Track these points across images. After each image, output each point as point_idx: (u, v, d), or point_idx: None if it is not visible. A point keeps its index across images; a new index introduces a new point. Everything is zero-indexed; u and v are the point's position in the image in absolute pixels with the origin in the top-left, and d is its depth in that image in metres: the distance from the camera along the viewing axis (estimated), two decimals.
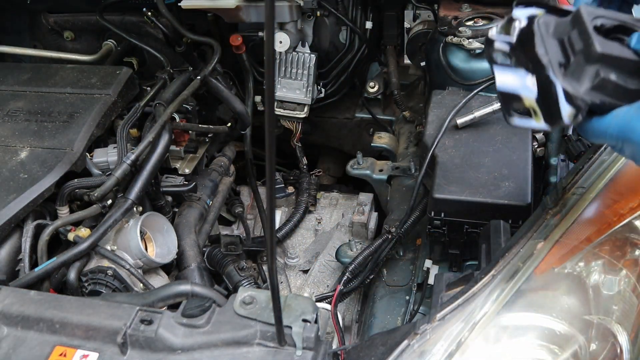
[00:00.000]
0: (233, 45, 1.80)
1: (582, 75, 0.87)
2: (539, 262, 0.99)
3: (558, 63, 0.90)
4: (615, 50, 0.85)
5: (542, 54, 0.91)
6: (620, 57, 0.84)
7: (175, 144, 1.63)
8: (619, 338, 0.92)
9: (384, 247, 1.49)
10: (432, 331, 0.94)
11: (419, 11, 1.86)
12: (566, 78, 0.88)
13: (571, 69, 0.89)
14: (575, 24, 0.91)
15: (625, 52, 0.85)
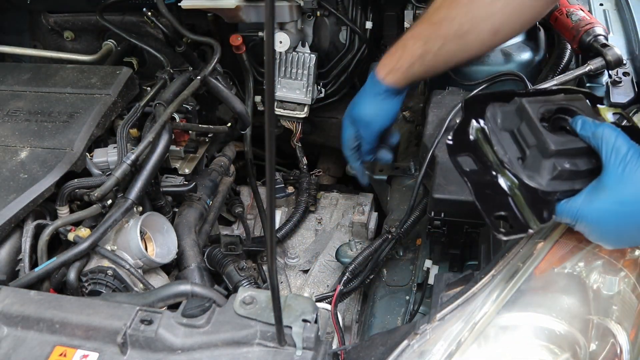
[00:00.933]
0: (233, 45, 1.80)
1: (540, 169, 0.97)
2: (539, 262, 0.99)
3: (516, 158, 1.00)
4: (566, 143, 0.95)
5: (500, 153, 1.00)
6: (572, 148, 0.95)
7: (175, 144, 1.63)
8: (619, 338, 0.92)
9: (384, 247, 1.49)
10: (432, 331, 0.94)
11: (419, 11, 1.85)
12: (526, 172, 0.98)
13: (528, 163, 0.98)
14: (523, 118, 1.00)
15: (573, 141, 0.95)
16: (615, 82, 1.46)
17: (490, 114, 1.05)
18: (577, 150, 0.95)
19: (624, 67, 1.49)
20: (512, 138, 1.02)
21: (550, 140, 0.95)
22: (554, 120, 1.00)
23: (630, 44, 1.58)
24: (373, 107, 1.50)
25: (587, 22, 1.52)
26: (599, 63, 1.42)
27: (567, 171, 0.95)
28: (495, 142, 1.02)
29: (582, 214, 0.92)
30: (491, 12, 1.29)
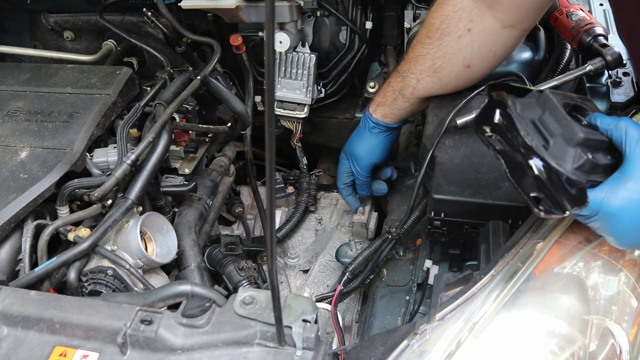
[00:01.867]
0: (233, 45, 1.80)
1: (566, 157, 0.97)
2: (539, 262, 0.99)
3: (540, 145, 1.00)
4: (593, 134, 0.97)
5: (528, 140, 1.01)
6: (595, 139, 0.96)
7: (175, 144, 1.63)
8: (619, 338, 0.92)
9: (384, 247, 1.49)
10: (431, 331, 0.94)
11: (419, 11, 1.86)
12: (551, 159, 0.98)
13: (553, 150, 0.98)
14: (546, 107, 1.01)
15: (598, 134, 0.98)
16: (616, 82, 1.46)
17: (511, 102, 1.05)
18: (600, 142, 0.96)
19: (624, 67, 1.49)
20: (534, 127, 1.02)
21: (578, 128, 0.95)
22: (570, 115, 1.00)
23: None
24: (364, 142, 1.60)
25: (587, 22, 1.52)
26: (599, 63, 1.42)
27: (590, 162, 0.95)
28: (521, 128, 1.01)
29: (605, 203, 0.90)
30: (460, 47, 1.37)
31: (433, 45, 1.40)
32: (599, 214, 0.92)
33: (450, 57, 1.39)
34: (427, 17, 1.43)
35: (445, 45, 1.38)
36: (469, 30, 1.35)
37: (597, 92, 1.47)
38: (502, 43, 1.38)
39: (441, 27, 1.37)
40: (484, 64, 1.41)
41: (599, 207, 0.91)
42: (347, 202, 1.77)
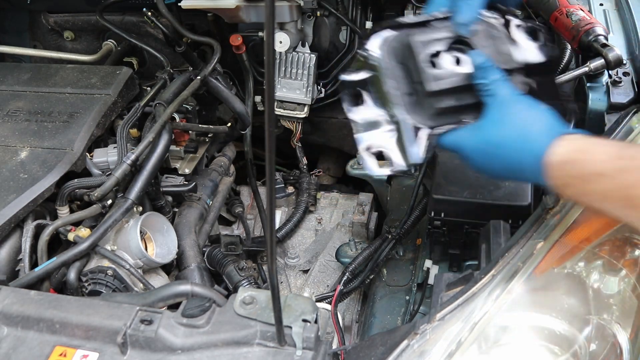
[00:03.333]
0: (233, 45, 1.80)
1: (424, 107, 1.01)
2: (539, 262, 0.99)
3: (406, 94, 1.02)
4: (445, 83, 0.99)
5: (389, 90, 1.02)
6: (451, 87, 0.99)
7: (175, 144, 1.63)
8: (619, 338, 0.92)
9: (384, 247, 1.49)
10: (432, 331, 0.94)
11: (419, 11, 1.86)
12: (412, 110, 1.01)
13: (414, 100, 1.01)
14: (409, 56, 1.02)
15: (456, 77, 0.99)
16: (615, 82, 1.46)
17: (387, 47, 1.05)
18: (458, 87, 0.99)
19: (624, 67, 1.49)
20: (405, 73, 1.03)
21: (429, 80, 0.99)
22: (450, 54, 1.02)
23: (630, 44, 1.58)
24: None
25: (587, 22, 1.52)
26: (599, 63, 1.42)
27: (450, 107, 1.00)
28: (387, 77, 1.03)
29: (461, 146, 1.01)
30: None
31: None
32: (459, 154, 1.02)
33: None
34: None
35: None
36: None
37: (597, 92, 1.47)
38: None
39: None
40: None
41: (457, 149, 1.02)
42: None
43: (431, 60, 1.01)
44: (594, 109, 1.46)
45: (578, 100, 1.56)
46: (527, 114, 0.97)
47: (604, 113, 1.43)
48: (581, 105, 1.52)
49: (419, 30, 1.05)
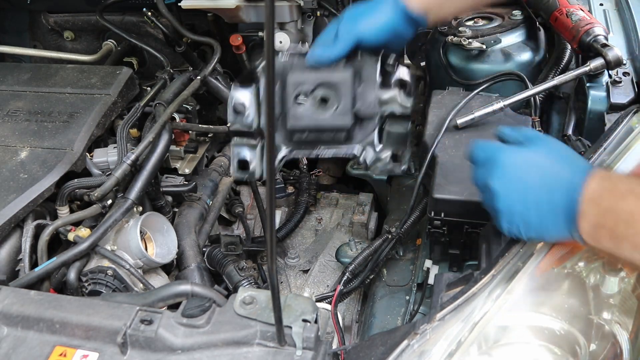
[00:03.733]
0: (233, 45, 1.80)
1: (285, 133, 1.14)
2: (539, 262, 0.99)
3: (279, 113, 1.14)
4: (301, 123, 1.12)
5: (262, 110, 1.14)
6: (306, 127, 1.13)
7: (175, 144, 1.63)
8: (619, 338, 0.92)
9: (384, 247, 1.49)
10: (432, 331, 0.94)
11: None
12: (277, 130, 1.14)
13: (279, 122, 1.13)
14: (284, 89, 1.14)
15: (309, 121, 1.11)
16: (615, 82, 1.46)
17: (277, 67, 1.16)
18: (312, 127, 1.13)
19: (624, 67, 1.49)
20: (280, 97, 1.14)
21: (289, 117, 1.12)
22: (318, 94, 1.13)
23: (630, 44, 1.58)
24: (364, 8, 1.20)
25: (587, 22, 1.52)
26: (599, 63, 1.42)
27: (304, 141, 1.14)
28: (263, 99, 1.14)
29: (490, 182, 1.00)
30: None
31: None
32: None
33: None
34: None
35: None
36: None
37: (597, 92, 1.47)
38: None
39: None
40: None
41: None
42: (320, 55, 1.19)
43: (299, 98, 1.13)
44: (594, 109, 1.46)
45: (578, 100, 1.56)
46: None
47: (604, 113, 1.43)
48: (581, 105, 1.52)
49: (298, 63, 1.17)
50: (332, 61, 1.15)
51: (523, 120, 1.43)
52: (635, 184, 0.86)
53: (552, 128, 1.64)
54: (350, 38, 1.14)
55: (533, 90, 1.40)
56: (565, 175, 0.92)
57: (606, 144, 1.15)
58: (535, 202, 0.94)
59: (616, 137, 1.17)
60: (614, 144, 1.15)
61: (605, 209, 0.86)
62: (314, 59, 1.15)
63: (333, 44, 1.15)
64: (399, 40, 1.19)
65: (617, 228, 0.85)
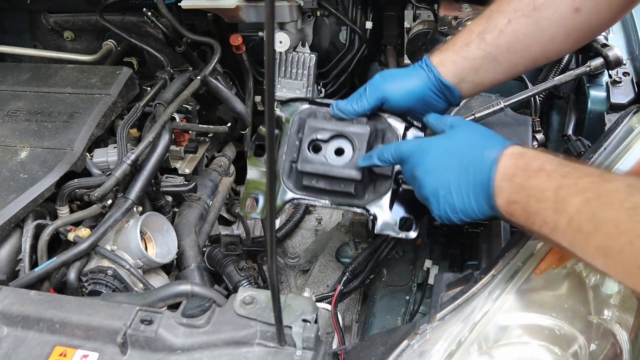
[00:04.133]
0: (233, 45, 1.80)
1: (296, 178, 1.17)
2: (539, 262, 0.99)
3: (291, 161, 1.18)
4: (311, 167, 1.14)
5: (281, 153, 1.18)
6: (314, 172, 1.14)
7: (175, 144, 1.63)
8: (619, 338, 0.92)
9: (384, 247, 1.49)
10: (432, 331, 0.94)
11: (419, 11, 1.86)
12: (289, 176, 1.18)
13: (293, 168, 1.17)
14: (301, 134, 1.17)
15: (321, 167, 1.14)
16: (615, 82, 1.46)
17: (297, 117, 1.21)
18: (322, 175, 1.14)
19: (624, 67, 1.49)
20: (299, 144, 1.17)
21: (301, 160, 1.15)
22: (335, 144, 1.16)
23: (630, 44, 1.58)
24: (396, 74, 1.20)
25: None
26: (598, 63, 1.42)
27: (313, 188, 1.16)
28: (284, 142, 1.19)
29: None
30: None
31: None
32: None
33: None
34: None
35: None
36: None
37: (597, 92, 1.47)
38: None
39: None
40: (596, 14, 1.09)
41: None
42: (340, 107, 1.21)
43: (315, 144, 1.15)
44: (594, 109, 1.46)
45: (578, 101, 1.56)
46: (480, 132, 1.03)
47: (604, 113, 1.43)
48: (581, 105, 1.52)
49: (322, 112, 1.20)
50: (354, 115, 1.17)
51: (523, 120, 1.43)
52: (547, 162, 0.90)
53: (552, 128, 1.64)
54: (376, 95, 1.15)
55: (533, 90, 1.40)
56: (481, 155, 0.97)
57: (606, 144, 1.16)
58: (456, 185, 0.99)
59: (616, 137, 1.17)
60: (614, 144, 1.15)
61: (518, 185, 0.91)
62: (337, 109, 1.17)
63: (359, 98, 1.17)
64: (426, 107, 1.19)
65: (529, 204, 0.89)
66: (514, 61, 1.15)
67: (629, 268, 0.75)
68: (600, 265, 0.80)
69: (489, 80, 1.18)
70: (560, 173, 0.86)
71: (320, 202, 1.17)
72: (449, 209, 1.01)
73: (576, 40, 1.14)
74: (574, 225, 0.81)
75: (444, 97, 1.18)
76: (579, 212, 0.81)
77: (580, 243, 0.82)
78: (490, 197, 0.95)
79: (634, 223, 0.74)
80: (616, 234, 0.76)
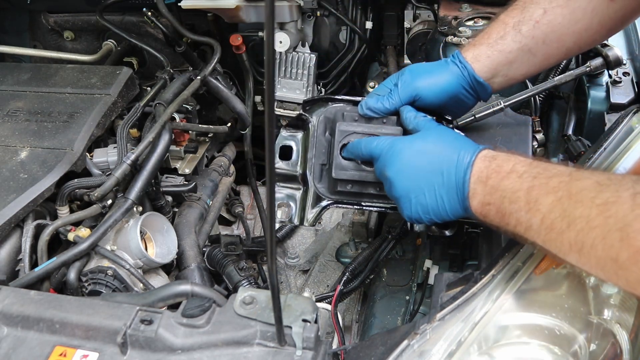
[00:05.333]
0: (233, 45, 1.80)
1: (328, 182, 1.16)
2: (539, 262, 0.99)
3: (321, 164, 1.17)
4: (346, 175, 1.13)
5: (310, 156, 1.18)
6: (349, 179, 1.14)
7: (175, 144, 1.63)
8: (619, 338, 0.92)
9: (384, 247, 1.49)
10: (432, 331, 0.94)
11: (419, 11, 1.86)
12: (321, 180, 1.17)
13: (325, 172, 1.17)
14: (333, 137, 1.15)
15: (357, 173, 1.13)
16: (615, 82, 1.46)
17: (322, 117, 1.19)
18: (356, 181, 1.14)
19: (623, 67, 1.49)
20: (327, 147, 1.17)
21: (335, 167, 1.14)
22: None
23: (630, 44, 1.58)
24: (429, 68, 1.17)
25: None
26: (598, 63, 1.42)
27: (347, 192, 1.16)
28: (312, 144, 1.17)
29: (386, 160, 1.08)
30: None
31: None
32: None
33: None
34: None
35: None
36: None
37: (597, 92, 1.47)
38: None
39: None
40: (629, 2, 1.07)
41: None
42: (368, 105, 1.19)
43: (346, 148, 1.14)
44: (594, 109, 1.46)
45: (578, 101, 1.56)
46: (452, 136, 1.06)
47: (604, 113, 1.43)
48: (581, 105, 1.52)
49: (349, 111, 1.17)
50: (385, 113, 1.15)
51: (523, 120, 1.43)
52: (518, 163, 0.92)
53: (552, 128, 1.64)
54: (409, 93, 1.13)
55: (533, 90, 1.40)
56: (455, 158, 0.99)
57: (606, 144, 1.16)
58: (429, 186, 1.02)
59: (616, 137, 1.17)
60: (614, 144, 1.16)
61: (492, 187, 0.93)
62: (367, 107, 1.15)
63: (389, 95, 1.15)
64: (457, 104, 1.18)
65: (503, 205, 0.91)
66: (549, 53, 1.13)
67: (602, 261, 0.77)
68: (575, 261, 0.82)
69: (521, 73, 1.16)
70: (531, 174, 0.89)
71: (356, 207, 1.17)
72: (421, 210, 1.03)
73: (609, 30, 1.13)
74: (547, 224, 0.83)
75: (475, 93, 1.17)
76: (551, 211, 0.83)
77: (554, 240, 0.83)
78: (465, 199, 0.98)
79: (605, 218, 0.76)
80: (588, 229, 0.77)
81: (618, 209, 0.75)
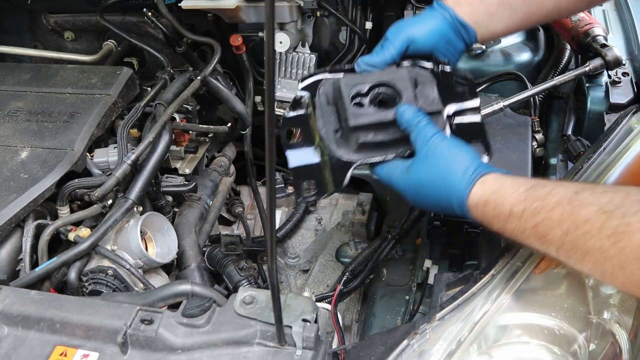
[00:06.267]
0: (233, 45, 1.80)
1: (348, 141, 1.10)
2: (539, 261, 0.99)
3: (334, 130, 1.12)
4: (366, 119, 1.08)
5: (320, 127, 1.12)
6: (369, 124, 1.08)
7: (175, 144, 1.63)
8: (619, 337, 0.92)
9: (384, 247, 1.49)
10: (431, 331, 0.94)
11: (418, 11, 1.86)
12: (339, 144, 1.11)
13: (341, 135, 1.11)
14: (339, 96, 1.11)
15: (373, 116, 1.08)
16: (615, 82, 1.46)
17: (322, 90, 1.15)
18: (375, 124, 1.08)
19: (623, 67, 1.49)
20: (335, 112, 1.13)
21: (350, 116, 1.08)
22: (376, 95, 1.12)
23: (629, 44, 1.59)
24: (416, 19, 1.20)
25: (587, 23, 1.52)
26: (598, 63, 1.43)
27: (371, 142, 1.09)
28: (319, 116, 1.13)
29: (394, 183, 1.09)
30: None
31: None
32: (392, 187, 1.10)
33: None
34: None
35: None
36: None
37: (596, 92, 1.48)
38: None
39: None
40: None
41: (390, 183, 1.09)
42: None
43: (357, 100, 1.10)
44: (594, 109, 1.46)
45: (578, 101, 1.57)
46: (449, 157, 1.02)
47: (603, 113, 1.43)
48: (581, 105, 1.52)
49: (350, 75, 1.14)
50: (383, 64, 1.15)
51: (523, 121, 1.43)
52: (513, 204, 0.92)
53: (552, 128, 1.65)
54: (401, 39, 1.14)
55: (533, 91, 1.40)
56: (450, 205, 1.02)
57: (605, 144, 1.16)
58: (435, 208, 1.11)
59: (616, 137, 1.17)
60: (614, 144, 1.16)
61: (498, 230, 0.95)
62: (364, 63, 1.15)
63: (382, 46, 1.16)
64: (448, 47, 1.19)
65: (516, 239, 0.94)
66: (529, 12, 1.17)
67: (626, 286, 0.80)
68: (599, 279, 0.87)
69: (501, 28, 1.20)
70: (530, 211, 0.89)
71: (387, 158, 1.10)
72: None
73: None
74: (563, 254, 0.86)
75: (461, 36, 1.19)
76: (563, 243, 0.85)
77: (574, 265, 0.86)
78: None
79: (619, 250, 0.77)
80: (604, 259, 0.79)
81: (631, 238, 0.76)
